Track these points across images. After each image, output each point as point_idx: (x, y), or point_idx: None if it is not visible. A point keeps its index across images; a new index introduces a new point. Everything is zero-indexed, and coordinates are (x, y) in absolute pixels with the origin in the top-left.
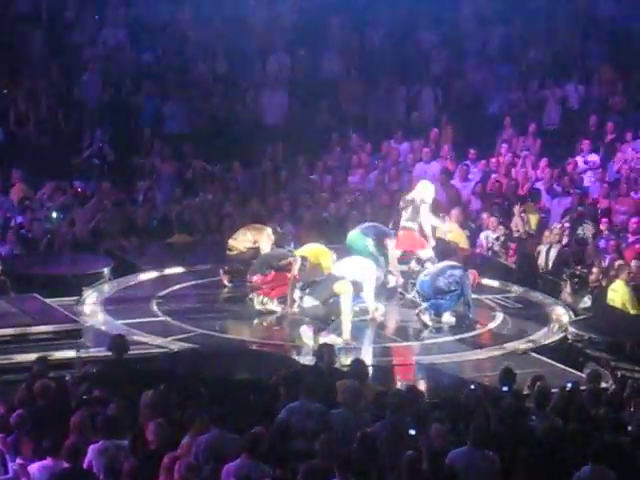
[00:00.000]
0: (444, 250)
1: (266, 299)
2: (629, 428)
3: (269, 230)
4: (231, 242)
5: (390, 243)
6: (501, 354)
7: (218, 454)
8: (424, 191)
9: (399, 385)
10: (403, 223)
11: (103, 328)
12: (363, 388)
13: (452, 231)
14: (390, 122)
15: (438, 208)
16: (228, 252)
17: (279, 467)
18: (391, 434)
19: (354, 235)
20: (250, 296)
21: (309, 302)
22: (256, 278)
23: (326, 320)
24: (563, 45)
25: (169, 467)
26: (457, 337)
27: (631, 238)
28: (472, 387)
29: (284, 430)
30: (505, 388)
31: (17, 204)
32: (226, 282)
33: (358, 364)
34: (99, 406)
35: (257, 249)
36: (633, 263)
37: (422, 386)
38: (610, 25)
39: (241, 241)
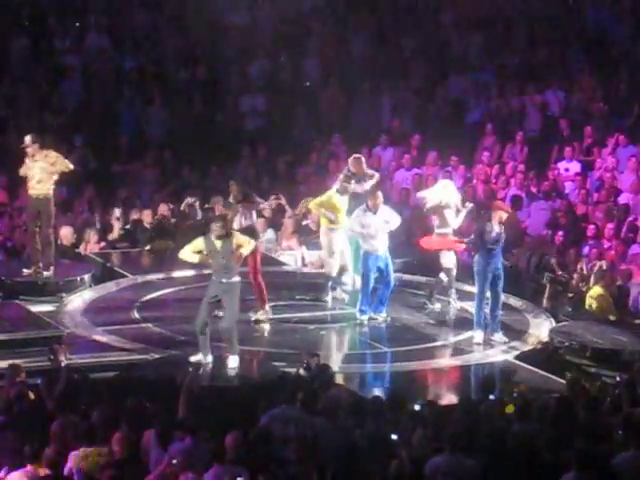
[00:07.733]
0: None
1: None
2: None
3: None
4: None
5: None
6: (482, 361)
7: (192, 463)
8: (443, 193)
9: (379, 392)
10: (436, 230)
11: (84, 335)
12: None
13: None
14: (371, 129)
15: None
16: None
17: (260, 473)
18: (372, 441)
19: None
20: None
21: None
22: None
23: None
24: (543, 52)
25: None
26: (437, 344)
27: (607, 244)
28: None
29: (265, 436)
30: (492, 397)
31: None
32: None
33: (323, 369)
34: (81, 413)
35: None
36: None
37: (403, 392)
38: (590, 32)
39: None
